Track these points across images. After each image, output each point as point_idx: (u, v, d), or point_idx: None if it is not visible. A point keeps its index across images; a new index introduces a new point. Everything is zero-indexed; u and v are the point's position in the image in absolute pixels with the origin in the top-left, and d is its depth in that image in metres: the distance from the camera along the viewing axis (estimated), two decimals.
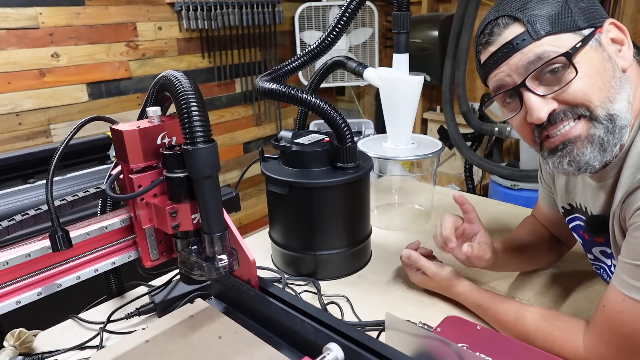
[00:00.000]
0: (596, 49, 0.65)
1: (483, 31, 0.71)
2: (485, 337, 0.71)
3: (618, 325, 0.65)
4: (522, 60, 0.66)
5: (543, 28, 0.65)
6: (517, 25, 0.66)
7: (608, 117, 0.65)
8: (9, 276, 0.65)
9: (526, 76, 0.66)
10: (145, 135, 0.69)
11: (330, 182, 0.94)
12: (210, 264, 0.67)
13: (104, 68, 2.34)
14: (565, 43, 0.64)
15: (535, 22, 0.65)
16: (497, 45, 0.68)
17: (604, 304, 0.67)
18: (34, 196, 1.52)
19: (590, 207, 0.78)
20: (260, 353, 0.68)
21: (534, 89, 0.67)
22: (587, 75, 0.65)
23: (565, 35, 0.65)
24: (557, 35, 0.65)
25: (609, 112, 0.65)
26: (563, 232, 0.96)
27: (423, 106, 3.13)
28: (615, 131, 0.65)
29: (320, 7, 2.91)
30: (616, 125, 0.65)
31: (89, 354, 0.80)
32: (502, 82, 0.70)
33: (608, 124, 0.65)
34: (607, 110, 0.65)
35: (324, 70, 1.17)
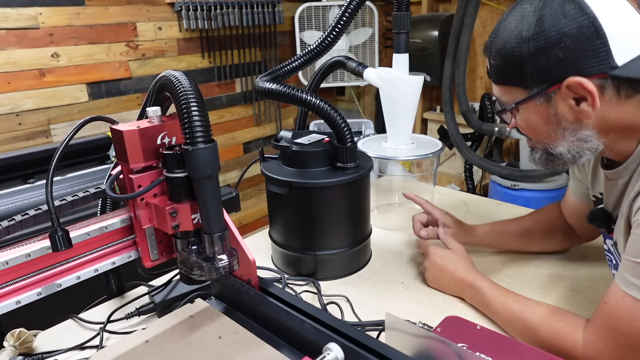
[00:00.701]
0: (543, 104, 0.69)
1: None
2: (485, 337, 0.71)
3: (616, 322, 0.65)
4: None
5: (495, 77, 0.73)
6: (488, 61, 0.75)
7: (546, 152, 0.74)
8: (9, 276, 0.65)
9: None
10: (145, 135, 0.69)
11: (330, 182, 0.94)
12: (210, 264, 0.67)
13: (104, 68, 2.34)
14: (514, 95, 0.71)
15: (492, 68, 0.72)
16: None
17: (604, 301, 0.68)
18: (34, 196, 1.52)
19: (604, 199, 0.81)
20: (260, 353, 0.68)
21: None
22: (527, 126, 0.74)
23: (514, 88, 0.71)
24: (505, 86, 0.72)
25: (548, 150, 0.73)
26: (581, 224, 1.00)
27: (423, 106, 3.13)
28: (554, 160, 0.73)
29: (320, 7, 2.91)
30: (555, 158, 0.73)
31: (89, 354, 0.80)
32: None
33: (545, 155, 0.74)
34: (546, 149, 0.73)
35: (324, 70, 1.17)
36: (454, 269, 0.92)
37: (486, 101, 2.61)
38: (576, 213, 1.00)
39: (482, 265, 1.05)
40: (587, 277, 0.99)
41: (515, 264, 1.05)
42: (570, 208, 1.02)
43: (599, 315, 0.69)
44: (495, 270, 1.02)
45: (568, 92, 0.65)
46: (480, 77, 2.92)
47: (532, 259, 1.06)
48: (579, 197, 0.97)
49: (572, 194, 0.99)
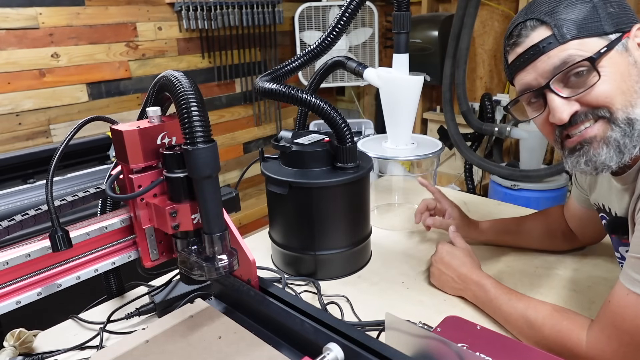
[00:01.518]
0: (622, 54, 0.66)
1: (512, 32, 0.72)
2: (485, 337, 0.71)
3: (620, 320, 0.65)
4: (548, 63, 0.68)
5: (569, 32, 0.66)
6: (544, 29, 0.68)
7: (627, 121, 0.67)
8: (9, 276, 0.65)
9: (550, 78, 0.68)
10: (145, 135, 0.69)
11: (330, 182, 0.94)
12: (210, 264, 0.67)
13: (104, 68, 2.34)
14: (591, 47, 0.66)
15: (562, 26, 0.66)
16: (524, 47, 0.70)
17: (609, 300, 0.68)
18: (34, 196, 1.52)
19: (615, 208, 0.80)
20: (260, 353, 0.68)
21: (557, 91, 0.68)
22: (611, 79, 0.66)
23: (592, 39, 0.66)
24: (583, 39, 0.66)
25: (629, 116, 0.66)
26: (581, 229, 1.02)
27: (423, 106, 3.13)
28: (634, 135, 0.67)
29: (320, 7, 2.91)
30: (634, 129, 0.67)
31: (89, 354, 0.80)
32: (528, 84, 0.72)
33: (626, 127, 0.67)
34: (628, 114, 0.66)
35: (324, 70, 1.17)
36: (459, 265, 0.92)
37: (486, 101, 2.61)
38: (577, 218, 1.01)
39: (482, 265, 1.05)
40: (587, 277, 0.99)
41: (515, 264, 1.05)
42: (572, 213, 1.02)
43: (603, 313, 0.69)
44: (495, 270, 1.02)
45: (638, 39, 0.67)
46: (480, 77, 2.92)
47: (532, 259, 1.06)
48: (581, 203, 0.98)
49: (575, 200, 1.00)
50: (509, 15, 2.67)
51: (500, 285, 0.86)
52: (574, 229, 1.04)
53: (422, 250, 1.13)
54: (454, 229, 1.04)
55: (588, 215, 0.97)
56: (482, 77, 2.92)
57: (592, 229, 1.00)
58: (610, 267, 1.02)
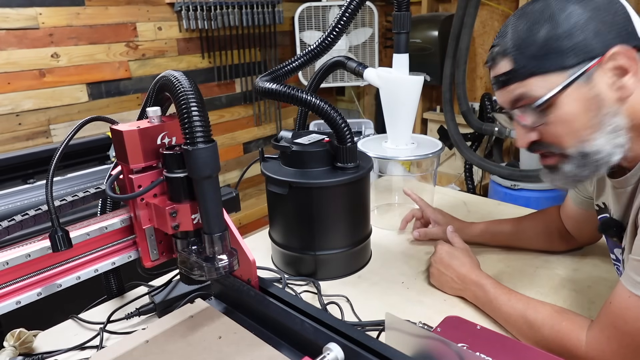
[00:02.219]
0: (582, 87, 0.66)
1: (490, 52, 0.74)
2: (485, 337, 0.71)
3: (621, 322, 0.65)
4: (508, 96, 0.71)
5: (529, 68, 0.67)
6: (507, 61, 0.69)
7: (580, 155, 0.69)
8: (9, 276, 0.65)
9: (512, 109, 0.71)
10: (145, 136, 0.69)
11: (330, 182, 0.94)
12: (210, 264, 0.67)
13: (103, 68, 2.34)
14: (549, 84, 0.66)
15: (522, 60, 0.67)
16: (494, 73, 0.73)
17: (610, 301, 0.68)
18: (34, 196, 1.52)
19: (612, 209, 0.80)
20: (260, 353, 0.68)
21: (519, 119, 0.71)
22: (562, 121, 0.68)
23: (551, 75, 0.66)
24: (542, 75, 0.67)
25: (583, 150, 0.68)
26: (578, 230, 1.02)
27: (423, 106, 3.13)
28: (588, 163, 0.69)
29: (320, 7, 2.91)
30: (589, 159, 0.68)
31: (89, 354, 0.80)
32: (500, 104, 0.75)
33: (580, 160, 0.69)
34: (581, 149, 0.68)
35: (324, 70, 1.17)
36: (459, 265, 0.92)
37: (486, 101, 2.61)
38: (574, 220, 1.01)
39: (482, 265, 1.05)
40: (587, 277, 0.99)
41: (515, 264, 1.05)
42: (568, 214, 1.02)
43: (604, 315, 0.69)
44: (496, 270, 1.02)
45: (610, 64, 0.64)
46: (480, 77, 2.92)
47: (532, 259, 1.06)
48: (578, 205, 0.98)
49: (572, 201, 1.00)
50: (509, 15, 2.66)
51: (499, 286, 0.86)
52: (570, 229, 1.04)
53: (422, 250, 1.13)
54: (452, 228, 1.04)
55: (584, 216, 0.97)
56: (482, 77, 2.92)
57: (588, 230, 1.00)
58: (610, 267, 1.02)
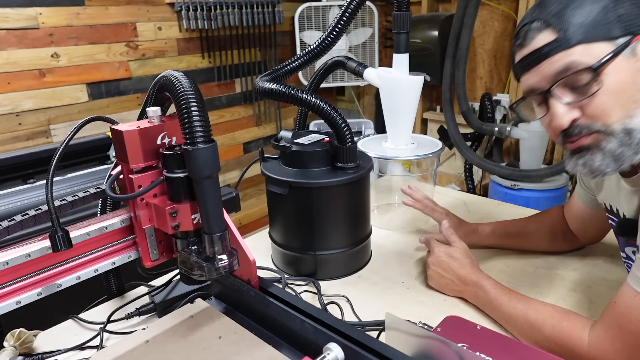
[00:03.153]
0: (628, 59, 0.64)
1: (519, 33, 0.70)
2: (485, 337, 0.71)
3: (626, 321, 0.65)
4: (550, 69, 0.66)
5: (575, 36, 0.64)
6: (550, 32, 0.66)
7: (624, 131, 0.65)
8: (9, 276, 0.65)
9: (553, 84, 0.67)
10: (145, 135, 0.69)
11: (330, 182, 0.94)
12: (210, 264, 0.67)
13: (104, 68, 2.34)
14: (597, 52, 0.64)
15: (568, 29, 0.64)
16: (529, 49, 0.68)
17: (615, 300, 0.68)
18: (34, 196, 1.52)
19: (623, 209, 0.79)
20: (260, 353, 0.68)
21: (559, 97, 0.67)
22: (611, 90, 0.64)
23: (598, 44, 0.64)
24: (589, 44, 0.64)
25: (627, 126, 0.65)
26: (583, 229, 1.02)
27: (423, 106, 3.13)
28: (632, 143, 0.65)
29: (320, 7, 2.91)
30: (633, 138, 0.65)
31: (89, 354, 0.80)
32: (532, 87, 0.70)
33: (624, 137, 0.65)
34: (625, 125, 0.65)
35: (324, 70, 1.17)
36: (459, 266, 0.92)
37: (486, 101, 2.61)
38: (580, 219, 1.01)
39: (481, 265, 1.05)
40: (587, 277, 0.99)
41: (515, 264, 1.05)
42: (574, 213, 1.02)
43: (608, 314, 0.68)
44: (496, 270, 1.02)
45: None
46: (480, 77, 2.92)
47: (532, 259, 1.06)
48: (586, 203, 0.97)
49: (579, 199, 0.99)
50: (509, 15, 2.67)
51: (500, 286, 0.86)
52: (574, 229, 1.04)
53: (422, 250, 1.13)
54: (447, 224, 1.00)
55: (591, 214, 0.97)
56: (482, 77, 2.92)
57: (593, 229, 1.00)
58: (610, 267, 1.02)
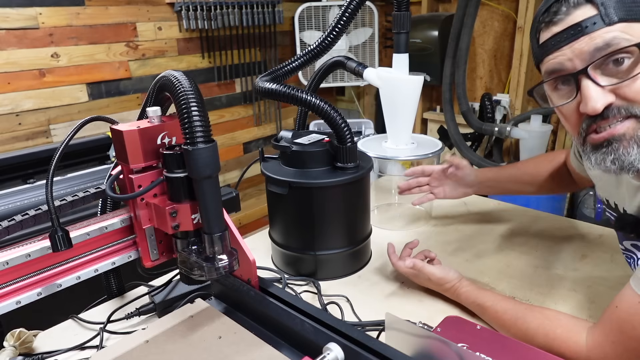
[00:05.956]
0: None
1: (549, 9, 0.65)
2: (485, 337, 0.71)
3: (629, 327, 0.64)
4: (589, 45, 0.61)
5: (617, 13, 0.60)
6: (589, 7, 0.61)
7: None
8: (9, 276, 0.65)
9: (590, 63, 0.62)
10: (145, 135, 0.69)
11: (330, 182, 0.94)
12: (210, 264, 0.67)
13: (104, 68, 2.34)
14: (638, 32, 0.60)
15: (610, 5, 0.60)
16: (563, 25, 0.63)
17: (616, 305, 0.66)
18: (34, 196, 1.52)
19: (625, 205, 0.77)
20: (260, 353, 0.68)
21: (594, 78, 0.62)
22: None
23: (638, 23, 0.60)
24: (631, 23, 0.60)
25: None
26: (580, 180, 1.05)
27: (423, 106, 3.13)
28: None
29: (320, 7, 2.91)
30: None
31: (89, 354, 0.80)
32: (561, 65, 0.65)
33: None
34: None
35: (324, 70, 1.17)
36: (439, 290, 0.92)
37: (486, 101, 2.61)
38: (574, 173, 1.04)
39: (481, 265, 1.05)
40: (587, 277, 0.99)
41: (516, 264, 1.05)
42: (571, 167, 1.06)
43: (609, 319, 0.67)
44: (496, 271, 1.02)
45: None
46: (480, 77, 2.92)
47: (532, 259, 1.06)
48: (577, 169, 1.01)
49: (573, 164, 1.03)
50: (509, 15, 2.66)
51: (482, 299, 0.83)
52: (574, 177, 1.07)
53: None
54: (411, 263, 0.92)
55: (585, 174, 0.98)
56: (482, 77, 2.92)
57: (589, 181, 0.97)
58: (610, 267, 1.02)
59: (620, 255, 0.85)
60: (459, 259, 1.08)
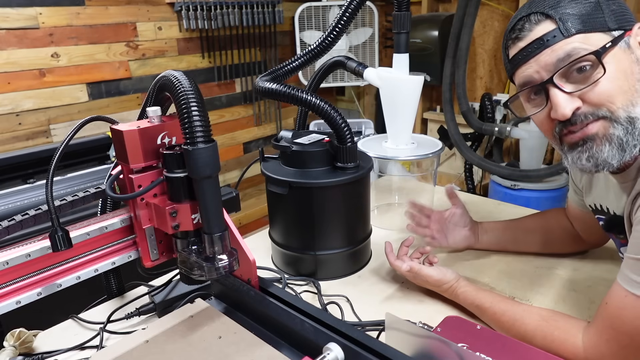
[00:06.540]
0: (625, 51, 0.66)
1: (514, 27, 0.71)
2: (485, 337, 0.71)
3: (619, 323, 0.65)
4: (552, 56, 0.67)
5: (574, 26, 0.66)
6: (549, 22, 0.67)
7: (628, 120, 0.66)
8: (9, 276, 0.65)
9: (554, 72, 0.67)
10: (145, 135, 0.69)
11: (330, 182, 0.94)
12: (210, 264, 0.67)
13: (104, 68, 2.34)
14: (595, 42, 0.65)
15: (567, 20, 0.66)
16: (527, 40, 0.69)
17: (606, 302, 0.67)
18: (34, 196, 1.52)
19: (613, 207, 0.79)
20: (261, 353, 0.68)
21: (560, 86, 0.67)
22: (614, 77, 0.65)
23: (596, 34, 0.66)
24: (587, 34, 0.66)
25: (630, 115, 0.66)
26: (587, 230, 1.01)
27: (423, 106, 3.13)
28: (635, 133, 0.66)
29: (320, 7, 2.91)
30: (636, 128, 0.66)
31: (89, 354, 0.80)
32: (530, 78, 0.70)
33: (628, 125, 0.66)
34: (629, 113, 0.66)
35: (324, 70, 1.17)
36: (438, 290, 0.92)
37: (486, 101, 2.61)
38: (582, 221, 1.00)
39: (481, 265, 1.05)
40: (587, 277, 0.99)
41: (516, 264, 1.05)
42: (573, 216, 1.02)
43: (600, 316, 0.68)
44: (496, 270, 1.02)
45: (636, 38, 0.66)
46: (480, 77, 2.92)
47: (532, 259, 1.06)
48: (579, 206, 0.97)
49: (572, 203, 0.99)
50: (509, 15, 2.66)
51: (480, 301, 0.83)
52: (579, 229, 1.02)
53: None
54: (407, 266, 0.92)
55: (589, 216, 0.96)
56: (482, 77, 2.92)
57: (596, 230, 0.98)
58: (610, 267, 1.02)
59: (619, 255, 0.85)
60: (459, 259, 1.08)
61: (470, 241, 1.09)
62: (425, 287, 0.93)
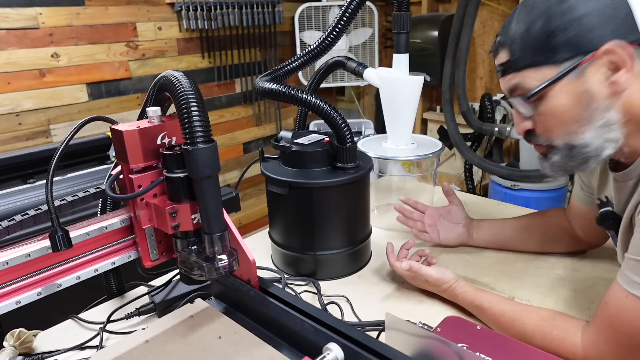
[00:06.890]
0: (574, 81, 0.66)
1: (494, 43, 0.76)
2: (485, 337, 0.71)
3: (618, 322, 0.65)
4: (506, 84, 0.73)
5: (523, 60, 0.69)
6: (505, 53, 0.72)
7: (567, 147, 0.70)
8: (9, 276, 0.65)
9: (509, 97, 0.74)
10: (145, 135, 0.69)
11: (330, 182, 0.94)
12: (210, 264, 0.67)
13: (104, 68, 2.34)
14: (542, 76, 0.68)
15: (516, 52, 0.70)
16: (495, 62, 0.75)
17: (605, 301, 0.67)
18: (34, 196, 1.52)
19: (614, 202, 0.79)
20: (261, 353, 0.68)
21: (516, 107, 0.73)
22: (550, 113, 0.69)
23: (544, 68, 0.68)
24: (536, 68, 0.68)
25: (570, 143, 0.70)
26: (586, 229, 1.01)
27: (423, 106, 3.13)
28: (575, 155, 0.70)
29: (320, 7, 2.91)
30: (576, 152, 0.70)
31: (89, 354, 0.80)
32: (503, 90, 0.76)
33: (566, 151, 0.71)
34: (568, 141, 0.70)
35: (324, 70, 1.17)
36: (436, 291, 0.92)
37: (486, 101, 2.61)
38: (583, 218, 1.00)
39: (481, 265, 1.05)
40: (587, 277, 0.99)
41: (515, 264, 1.05)
42: (575, 214, 1.01)
43: (600, 316, 0.68)
44: (496, 271, 1.02)
45: (604, 59, 0.64)
46: (480, 77, 2.92)
47: (532, 259, 1.06)
48: (583, 203, 0.96)
49: (576, 200, 0.98)
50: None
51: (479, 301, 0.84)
52: (578, 228, 1.02)
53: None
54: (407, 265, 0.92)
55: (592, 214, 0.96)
56: (482, 77, 2.92)
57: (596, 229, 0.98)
58: (610, 267, 1.02)
59: None
60: (459, 259, 1.08)
61: (463, 238, 1.10)
62: (425, 287, 0.93)
